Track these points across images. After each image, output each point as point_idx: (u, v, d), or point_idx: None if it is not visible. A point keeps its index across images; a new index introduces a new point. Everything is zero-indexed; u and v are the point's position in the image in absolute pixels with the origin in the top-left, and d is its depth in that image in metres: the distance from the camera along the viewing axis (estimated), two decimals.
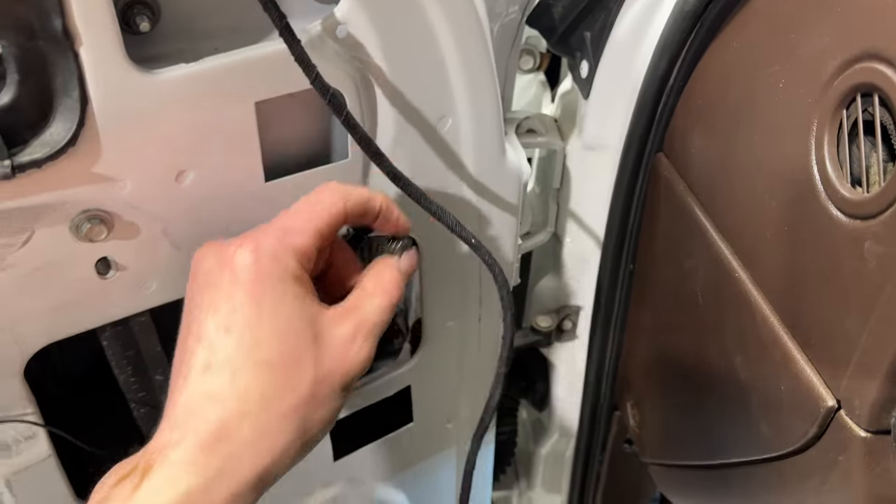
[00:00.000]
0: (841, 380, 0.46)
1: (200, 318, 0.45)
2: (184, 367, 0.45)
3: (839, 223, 0.44)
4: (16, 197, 0.46)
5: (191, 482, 0.41)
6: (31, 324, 0.51)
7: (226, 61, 0.49)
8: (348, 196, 0.49)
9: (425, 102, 0.59)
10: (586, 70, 0.74)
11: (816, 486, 0.50)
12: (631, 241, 0.75)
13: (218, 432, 0.43)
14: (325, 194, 0.48)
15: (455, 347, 0.77)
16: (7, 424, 0.55)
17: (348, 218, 0.49)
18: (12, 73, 0.43)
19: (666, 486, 0.79)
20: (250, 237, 0.47)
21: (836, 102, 0.45)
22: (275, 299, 0.45)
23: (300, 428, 0.45)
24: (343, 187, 0.49)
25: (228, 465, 0.42)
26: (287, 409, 0.44)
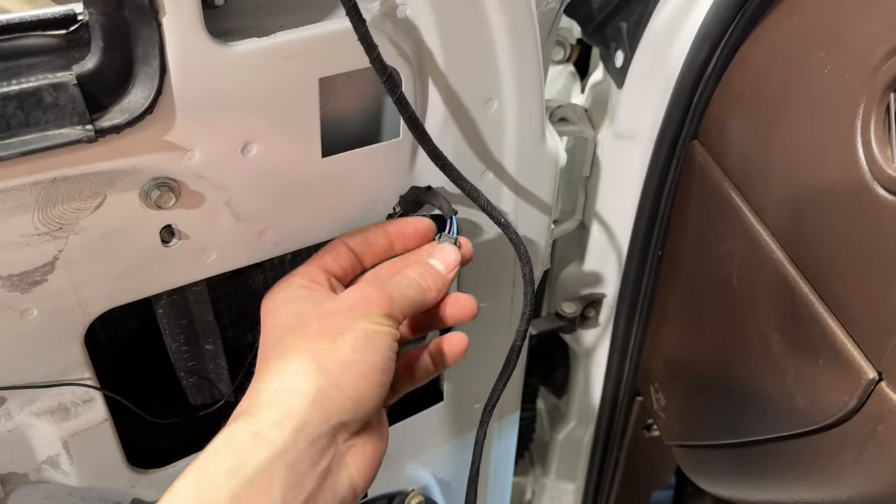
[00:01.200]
0: (883, 352, 0.48)
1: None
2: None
3: (885, 202, 0.46)
4: (93, 161, 0.47)
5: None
6: (95, 288, 0.53)
7: (294, 37, 0.50)
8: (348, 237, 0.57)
9: (474, 84, 0.61)
10: (621, 60, 0.76)
11: (853, 457, 0.52)
12: (661, 228, 0.78)
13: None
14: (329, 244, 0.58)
15: (487, 328, 0.79)
16: (65, 388, 0.56)
17: (354, 251, 0.57)
18: (97, 41, 0.44)
19: (689, 467, 0.81)
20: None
21: (884, 87, 0.47)
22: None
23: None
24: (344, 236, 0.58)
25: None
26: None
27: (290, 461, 0.43)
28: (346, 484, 0.46)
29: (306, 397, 0.44)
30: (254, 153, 0.53)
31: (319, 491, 0.44)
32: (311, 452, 0.44)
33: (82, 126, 0.45)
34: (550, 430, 1.10)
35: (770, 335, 0.59)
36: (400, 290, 0.52)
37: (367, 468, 0.47)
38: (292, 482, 0.42)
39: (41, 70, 0.44)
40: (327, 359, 0.46)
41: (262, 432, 0.43)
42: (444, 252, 0.56)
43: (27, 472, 0.58)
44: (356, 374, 0.46)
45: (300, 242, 0.61)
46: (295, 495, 0.42)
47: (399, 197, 0.63)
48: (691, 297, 0.74)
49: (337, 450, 0.45)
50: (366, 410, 0.46)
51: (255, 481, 0.42)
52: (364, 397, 0.46)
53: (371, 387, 0.47)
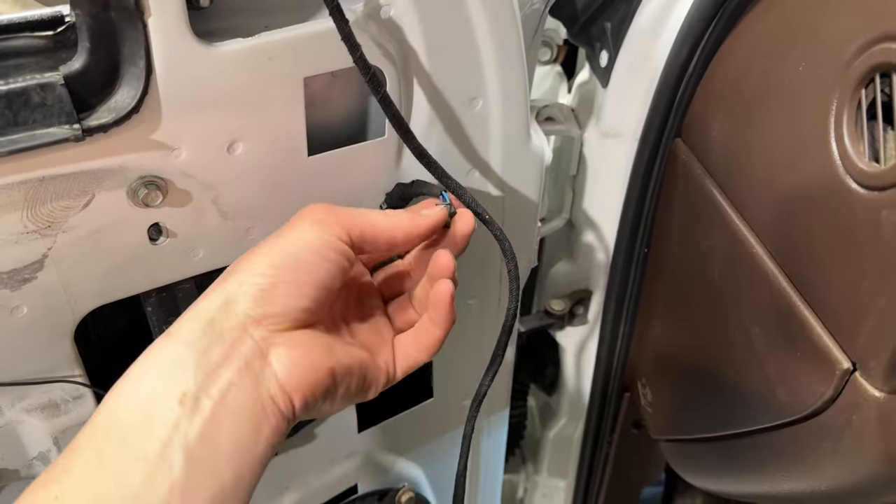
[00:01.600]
0: (856, 342, 0.49)
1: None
2: None
3: (857, 195, 0.47)
4: (81, 160, 0.48)
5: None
6: (84, 285, 0.54)
7: (278, 37, 0.51)
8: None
9: (458, 84, 0.62)
10: (606, 60, 0.77)
11: (830, 447, 0.53)
12: (646, 225, 0.78)
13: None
14: None
15: (475, 325, 0.80)
16: (55, 384, 0.57)
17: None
18: (84, 42, 0.45)
19: (676, 461, 0.82)
20: None
21: (855, 82, 0.48)
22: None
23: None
24: None
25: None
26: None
27: (200, 351, 0.43)
28: (272, 381, 0.45)
29: (216, 298, 0.46)
30: (240, 152, 0.54)
31: (240, 381, 0.43)
32: (222, 344, 0.44)
33: (70, 125, 0.46)
34: (541, 428, 1.11)
35: (751, 328, 0.60)
36: (359, 212, 0.52)
37: (294, 369, 0.46)
38: (205, 371, 0.43)
39: (29, 70, 0.45)
40: (240, 264, 0.47)
41: (172, 332, 0.44)
42: (429, 206, 0.56)
43: (18, 468, 0.59)
44: (259, 272, 0.46)
45: None
46: (210, 382, 0.43)
47: (385, 194, 0.64)
48: (676, 292, 0.75)
49: (255, 344, 0.45)
50: (276, 308, 0.46)
51: (166, 372, 0.43)
52: (270, 294, 0.46)
53: (280, 284, 0.46)
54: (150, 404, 0.42)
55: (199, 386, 0.42)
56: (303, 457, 0.76)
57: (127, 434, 0.41)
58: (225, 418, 0.42)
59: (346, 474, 0.81)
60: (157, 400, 0.42)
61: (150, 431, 0.41)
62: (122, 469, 0.40)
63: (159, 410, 0.41)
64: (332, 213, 0.50)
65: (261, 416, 0.44)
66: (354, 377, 0.51)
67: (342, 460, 0.79)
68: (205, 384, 0.43)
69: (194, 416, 0.42)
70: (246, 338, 0.45)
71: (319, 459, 0.77)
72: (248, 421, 0.43)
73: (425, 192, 0.62)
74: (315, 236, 0.48)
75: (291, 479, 0.78)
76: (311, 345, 0.47)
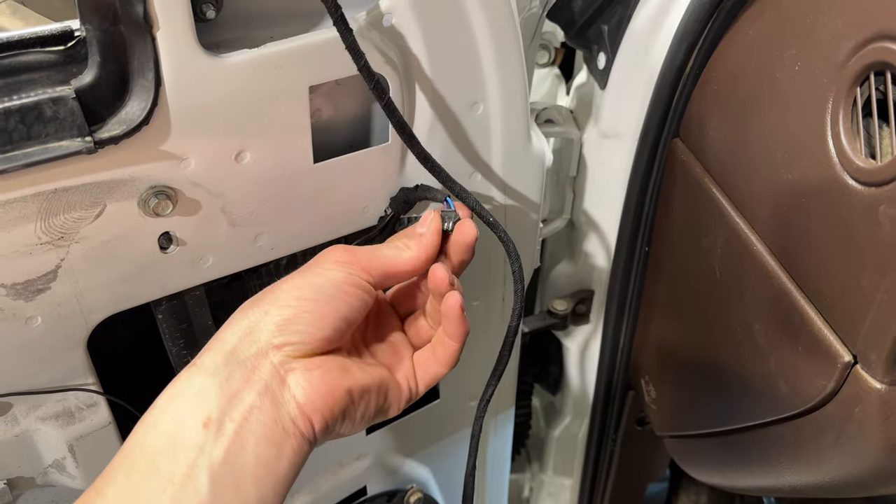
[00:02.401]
0: (857, 336, 0.49)
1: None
2: None
3: (855, 191, 0.48)
4: (93, 172, 0.49)
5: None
6: (97, 295, 0.55)
7: (284, 47, 0.52)
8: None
9: (460, 89, 0.62)
10: (603, 62, 0.78)
11: (833, 439, 0.54)
12: (647, 224, 0.79)
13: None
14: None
15: (480, 326, 0.81)
16: (70, 392, 0.58)
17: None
18: (94, 56, 0.46)
19: (681, 457, 0.83)
20: None
21: (850, 81, 0.49)
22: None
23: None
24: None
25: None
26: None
27: (223, 379, 0.45)
28: (291, 403, 0.46)
29: (239, 327, 0.47)
30: (247, 160, 0.55)
31: (261, 403, 0.45)
32: (243, 370, 0.46)
33: (81, 138, 0.46)
34: (546, 427, 1.12)
35: (752, 324, 0.61)
36: (376, 251, 0.54)
37: (313, 391, 0.47)
38: (227, 396, 0.44)
39: (41, 85, 0.46)
40: (264, 296, 0.49)
41: (197, 363, 0.46)
42: (425, 218, 0.57)
43: (34, 475, 0.60)
44: (285, 303, 0.48)
45: (295, 246, 0.63)
46: (232, 406, 0.44)
47: (389, 199, 0.65)
48: (677, 290, 0.76)
49: (274, 368, 0.46)
50: (297, 336, 0.47)
51: (191, 400, 0.44)
52: (292, 323, 0.47)
53: (302, 314, 0.48)
54: (177, 430, 0.43)
55: (221, 410, 0.44)
56: (312, 460, 0.76)
57: (155, 458, 0.43)
58: (248, 440, 0.44)
59: (355, 476, 0.82)
60: (183, 425, 0.43)
61: (177, 455, 0.43)
62: (152, 491, 0.42)
63: (185, 435, 0.43)
64: (352, 253, 0.52)
65: (282, 437, 0.45)
66: (373, 396, 0.52)
67: (351, 462, 0.80)
68: (227, 408, 0.44)
69: (218, 439, 0.43)
70: (265, 363, 0.46)
71: (329, 462, 0.78)
72: (270, 441, 0.45)
73: (429, 197, 0.63)
74: (338, 273, 0.51)
75: (301, 483, 0.79)
76: (328, 367, 0.49)
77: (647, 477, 1.07)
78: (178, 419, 0.44)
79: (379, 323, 0.59)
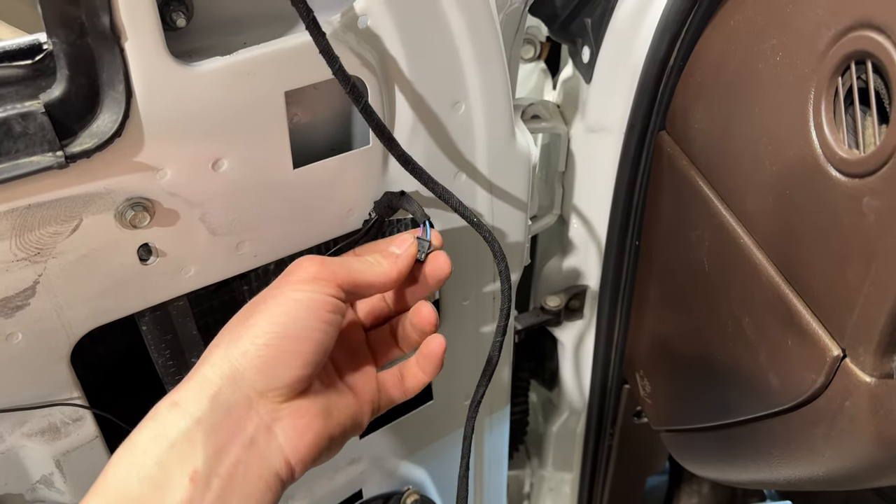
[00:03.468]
0: (845, 329, 0.49)
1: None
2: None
3: (838, 182, 0.48)
4: (66, 186, 0.48)
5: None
6: (77, 309, 0.54)
7: (256, 53, 0.51)
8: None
9: (440, 89, 0.62)
10: (588, 55, 0.77)
11: (824, 433, 0.54)
12: (636, 218, 0.79)
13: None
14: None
15: (471, 326, 0.80)
16: (55, 408, 0.57)
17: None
18: (62, 69, 0.45)
19: (677, 451, 0.82)
20: None
21: (831, 70, 0.48)
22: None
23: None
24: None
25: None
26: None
27: (209, 428, 0.44)
28: (277, 457, 0.46)
29: (221, 368, 0.46)
30: (225, 168, 0.54)
31: (247, 458, 0.45)
32: (230, 421, 0.45)
33: (53, 153, 0.46)
34: (544, 423, 1.12)
35: (742, 318, 0.60)
36: (347, 264, 0.53)
37: (299, 441, 0.47)
38: (214, 448, 0.44)
39: (9, 100, 0.45)
40: (240, 327, 0.47)
41: (179, 401, 0.45)
42: (398, 239, 0.57)
43: (22, 492, 0.59)
44: (263, 342, 0.46)
45: (278, 253, 0.62)
46: (219, 461, 0.44)
47: (374, 203, 0.64)
48: (668, 284, 0.75)
49: (260, 420, 0.46)
50: (281, 381, 0.47)
51: (178, 448, 0.43)
52: (271, 365, 0.46)
53: (280, 355, 0.47)
54: (162, 480, 0.43)
55: (209, 465, 0.43)
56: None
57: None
58: (232, 496, 0.44)
59: (350, 480, 0.81)
60: (169, 476, 0.43)
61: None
62: None
63: (172, 488, 0.42)
64: (324, 265, 0.51)
65: (265, 491, 0.45)
66: (348, 430, 0.53)
67: (345, 467, 0.80)
68: (214, 463, 0.44)
69: (205, 496, 0.43)
70: (252, 414, 0.46)
71: (323, 468, 0.78)
72: (253, 496, 0.45)
73: (410, 212, 0.62)
74: (313, 296, 0.49)
75: (296, 489, 0.78)
76: (314, 413, 0.49)
77: (647, 470, 1.07)
78: (163, 468, 0.43)
79: (347, 336, 0.59)
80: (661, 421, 0.84)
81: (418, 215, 0.61)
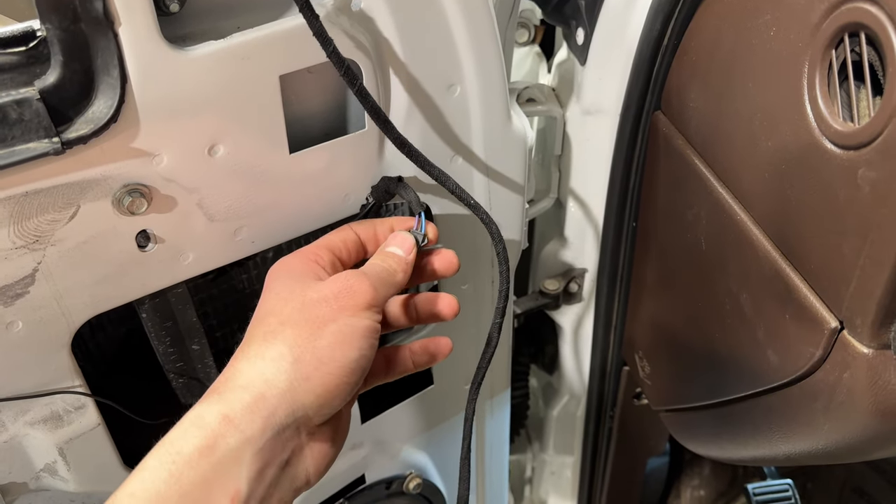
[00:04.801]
0: (842, 301, 0.49)
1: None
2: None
3: (833, 155, 0.48)
4: (63, 173, 0.48)
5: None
6: (77, 296, 0.54)
7: (251, 37, 0.51)
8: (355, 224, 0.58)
9: (435, 71, 0.62)
10: (582, 37, 0.77)
11: (823, 406, 0.54)
12: (633, 200, 0.79)
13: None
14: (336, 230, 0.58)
15: (470, 310, 0.80)
16: (57, 396, 0.57)
17: (359, 236, 0.58)
18: (56, 55, 0.45)
19: (677, 431, 0.83)
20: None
21: (825, 43, 0.48)
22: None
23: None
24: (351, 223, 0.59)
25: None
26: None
27: (256, 449, 0.44)
28: (302, 477, 0.47)
29: (278, 387, 0.45)
30: (221, 154, 0.54)
31: (279, 481, 0.46)
32: (277, 443, 0.45)
33: (49, 139, 0.46)
34: (545, 407, 1.12)
35: (739, 295, 0.61)
36: (376, 274, 0.53)
37: (321, 463, 0.49)
38: (257, 469, 0.44)
39: (4, 87, 0.45)
40: (304, 350, 0.47)
41: (232, 416, 0.44)
42: (398, 238, 0.58)
43: (26, 481, 0.60)
44: (328, 371, 0.47)
45: (276, 239, 0.62)
46: (258, 483, 0.44)
47: (371, 188, 0.64)
48: (665, 264, 0.76)
49: (298, 442, 0.47)
50: (330, 407, 0.48)
51: (224, 465, 0.43)
52: (332, 394, 0.47)
53: (340, 385, 0.47)
54: (204, 498, 0.42)
55: (250, 486, 0.44)
56: None
57: None
58: None
59: (353, 465, 0.82)
60: (211, 494, 0.43)
61: None
62: None
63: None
64: (375, 290, 0.51)
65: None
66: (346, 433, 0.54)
67: (347, 452, 0.80)
68: (255, 485, 0.44)
69: None
70: (295, 437, 0.47)
71: None
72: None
73: (406, 200, 0.62)
74: (368, 324, 0.50)
75: None
76: (341, 431, 0.51)
77: (647, 451, 1.07)
78: (207, 486, 0.42)
79: None
80: (660, 401, 0.84)
81: (414, 204, 0.61)
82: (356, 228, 0.58)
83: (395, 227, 0.60)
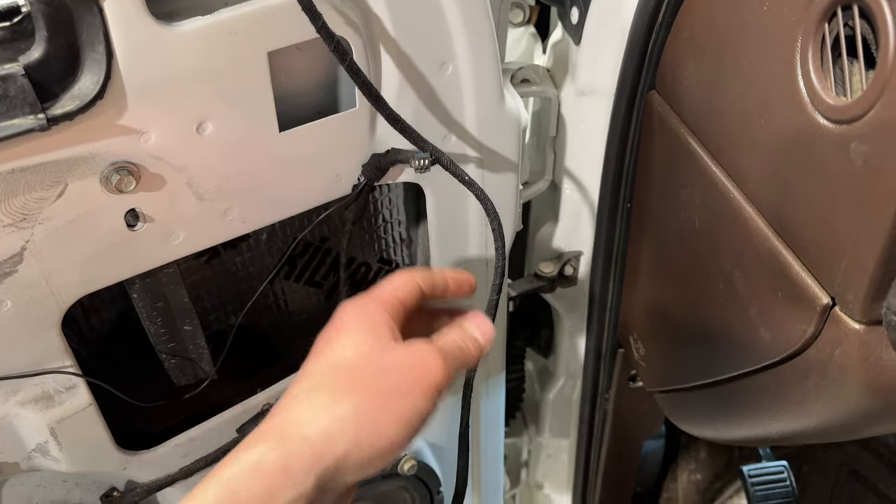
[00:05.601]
0: (835, 277, 0.49)
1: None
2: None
3: (826, 130, 0.47)
4: (49, 150, 0.48)
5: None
6: (66, 276, 0.54)
7: (238, 12, 0.51)
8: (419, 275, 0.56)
9: (426, 48, 0.61)
10: (577, 16, 0.77)
11: (815, 384, 0.54)
12: (628, 180, 0.78)
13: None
14: (401, 276, 0.56)
15: None
16: (48, 376, 0.57)
17: (423, 290, 0.56)
18: (41, 30, 0.45)
19: (672, 412, 0.83)
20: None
21: (818, 17, 0.47)
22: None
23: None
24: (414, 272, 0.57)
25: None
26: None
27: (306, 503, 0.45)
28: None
29: (337, 450, 0.46)
30: (209, 132, 0.54)
31: None
32: (322, 499, 0.46)
33: (34, 115, 0.46)
34: (541, 390, 1.12)
35: (732, 273, 0.60)
36: (451, 352, 0.53)
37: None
38: None
39: None
40: (367, 420, 0.47)
41: (291, 469, 0.45)
42: (479, 320, 0.57)
43: (18, 461, 0.60)
44: (382, 445, 0.47)
45: (267, 219, 0.62)
46: None
47: (362, 167, 0.64)
48: (660, 245, 0.75)
49: (335, 498, 0.48)
50: (370, 473, 0.48)
51: None
52: (376, 466, 0.48)
53: (386, 457, 0.48)
54: None
55: None
56: None
57: None
58: None
59: None
60: None
61: None
62: None
63: None
64: (450, 376, 0.51)
65: None
66: None
67: None
68: None
69: None
70: (337, 497, 0.47)
71: None
72: None
73: (400, 159, 0.62)
74: (430, 409, 0.50)
75: None
76: (357, 485, 0.50)
77: (643, 434, 1.07)
78: None
79: None
80: (655, 382, 0.84)
81: (408, 156, 0.60)
82: (419, 280, 0.57)
83: (449, 280, 0.59)
